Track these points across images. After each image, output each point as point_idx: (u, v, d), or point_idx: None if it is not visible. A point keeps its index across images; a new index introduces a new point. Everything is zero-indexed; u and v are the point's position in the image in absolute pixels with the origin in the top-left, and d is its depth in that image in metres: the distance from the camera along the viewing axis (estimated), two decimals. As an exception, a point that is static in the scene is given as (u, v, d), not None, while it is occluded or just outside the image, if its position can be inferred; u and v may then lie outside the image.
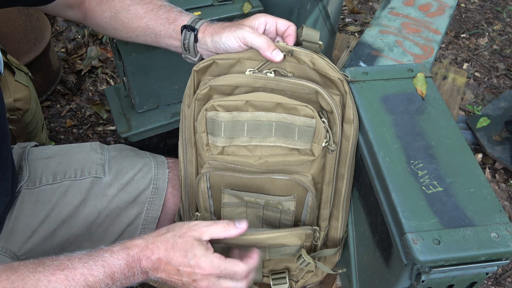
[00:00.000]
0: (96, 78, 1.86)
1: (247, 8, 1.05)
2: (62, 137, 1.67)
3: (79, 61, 1.90)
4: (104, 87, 1.84)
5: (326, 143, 0.76)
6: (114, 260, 0.63)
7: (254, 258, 0.70)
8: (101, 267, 0.62)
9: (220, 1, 1.06)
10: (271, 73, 0.75)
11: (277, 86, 0.76)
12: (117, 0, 0.84)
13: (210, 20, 0.81)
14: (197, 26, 0.78)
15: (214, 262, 0.65)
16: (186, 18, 0.80)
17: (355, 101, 0.79)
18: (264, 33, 0.77)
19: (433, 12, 1.24)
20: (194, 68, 0.78)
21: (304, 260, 0.83)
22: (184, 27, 0.78)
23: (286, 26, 0.77)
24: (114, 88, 1.21)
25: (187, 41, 0.79)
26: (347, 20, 2.22)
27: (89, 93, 1.81)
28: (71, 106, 1.76)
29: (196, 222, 0.69)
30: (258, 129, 0.76)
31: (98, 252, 0.63)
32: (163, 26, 0.81)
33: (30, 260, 0.62)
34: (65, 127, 1.70)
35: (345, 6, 2.27)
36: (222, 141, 0.77)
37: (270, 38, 0.75)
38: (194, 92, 0.79)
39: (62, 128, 1.70)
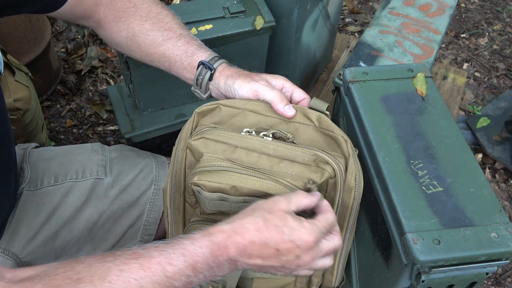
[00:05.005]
0: (96, 78, 1.86)
1: (259, 23, 1.02)
2: (62, 137, 1.67)
3: (79, 61, 1.90)
4: (104, 87, 1.84)
5: None
6: (196, 248, 0.54)
7: (324, 204, 0.63)
8: (181, 256, 0.54)
9: (232, 14, 1.04)
10: (269, 136, 0.70)
11: (275, 152, 0.69)
12: (136, 22, 0.82)
13: (226, 62, 0.78)
14: (215, 65, 0.77)
15: (313, 228, 0.58)
16: (204, 54, 0.79)
17: (355, 102, 0.79)
18: None
19: (433, 12, 1.24)
20: (196, 110, 0.74)
21: None
22: (202, 63, 0.77)
23: (301, 98, 0.75)
24: (116, 87, 1.19)
25: (201, 77, 0.77)
26: (347, 20, 2.22)
27: (89, 93, 1.81)
28: (71, 106, 1.76)
29: (276, 196, 0.61)
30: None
31: (176, 240, 0.56)
32: (179, 58, 0.80)
33: (98, 253, 0.55)
34: (65, 127, 1.70)
35: (345, 6, 2.27)
36: (210, 210, 0.71)
37: None
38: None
39: (62, 128, 1.70)
